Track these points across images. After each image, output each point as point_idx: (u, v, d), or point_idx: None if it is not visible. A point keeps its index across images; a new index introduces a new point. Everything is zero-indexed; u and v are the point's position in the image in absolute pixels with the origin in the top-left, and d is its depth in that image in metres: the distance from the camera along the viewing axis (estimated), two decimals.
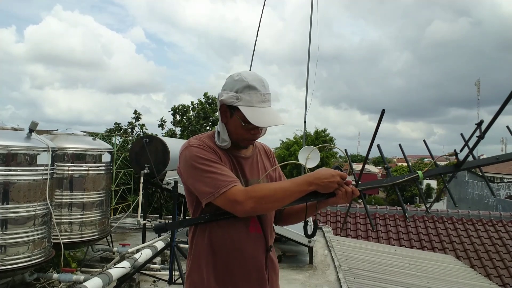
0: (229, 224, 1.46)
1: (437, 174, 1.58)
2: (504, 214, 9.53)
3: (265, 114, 1.42)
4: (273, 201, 1.37)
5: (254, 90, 1.42)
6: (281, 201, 1.39)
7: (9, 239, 3.35)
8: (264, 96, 1.44)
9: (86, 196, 4.58)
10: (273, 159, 1.73)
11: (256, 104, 1.42)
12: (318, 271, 4.96)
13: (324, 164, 26.83)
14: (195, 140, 1.49)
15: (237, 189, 1.36)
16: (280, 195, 1.37)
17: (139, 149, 5.42)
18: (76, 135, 4.76)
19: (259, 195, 1.35)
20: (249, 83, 1.42)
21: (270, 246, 1.55)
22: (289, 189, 1.38)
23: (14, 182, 3.35)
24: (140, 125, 13.15)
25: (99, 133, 9.08)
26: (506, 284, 7.18)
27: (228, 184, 1.36)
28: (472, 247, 8.21)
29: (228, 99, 1.43)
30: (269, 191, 1.37)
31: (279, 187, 1.40)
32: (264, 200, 1.36)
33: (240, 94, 1.43)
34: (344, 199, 1.45)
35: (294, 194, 1.38)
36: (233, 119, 1.46)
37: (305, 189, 1.38)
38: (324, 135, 29.31)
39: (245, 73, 1.47)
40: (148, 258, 4.18)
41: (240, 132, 1.47)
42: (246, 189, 1.37)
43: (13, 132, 3.53)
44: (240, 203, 1.35)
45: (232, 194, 1.35)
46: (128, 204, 9.33)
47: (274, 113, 1.45)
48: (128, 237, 6.51)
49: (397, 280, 4.58)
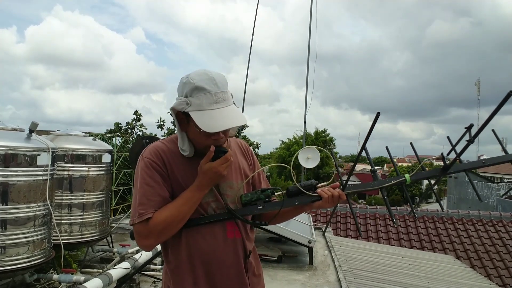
0: (206, 231, 1.41)
1: (424, 178, 1.60)
2: (504, 214, 9.53)
3: (217, 117, 1.29)
4: (173, 228, 1.35)
5: (203, 91, 1.30)
6: (183, 221, 1.36)
7: (9, 240, 3.35)
8: (217, 96, 1.30)
9: (86, 196, 4.58)
10: (250, 155, 1.62)
11: (207, 107, 1.29)
12: (318, 271, 4.95)
13: (324, 165, 26.83)
14: (148, 151, 1.42)
15: (141, 225, 1.32)
16: (178, 218, 1.34)
17: (139, 149, 5.41)
18: (76, 135, 4.76)
19: (159, 230, 1.32)
20: (195, 85, 1.30)
21: (250, 252, 1.49)
22: (184, 207, 1.34)
23: (14, 183, 3.35)
24: (139, 125, 13.14)
25: (99, 134, 9.08)
26: (507, 285, 7.17)
27: (140, 216, 1.32)
28: (472, 248, 8.20)
29: (179, 106, 1.32)
30: (168, 220, 1.32)
31: (175, 209, 1.33)
32: (165, 230, 1.33)
33: (189, 99, 1.31)
34: (331, 202, 1.43)
35: (190, 209, 1.36)
36: (190, 126, 1.35)
37: (197, 197, 1.36)
38: (324, 135, 29.36)
39: (194, 73, 1.34)
40: (148, 258, 4.18)
41: (200, 139, 1.36)
42: (148, 225, 1.32)
43: (13, 133, 3.53)
44: (140, 240, 1.35)
45: (137, 228, 1.34)
46: (128, 204, 9.32)
47: (230, 113, 1.32)
48: (128, 238, 6.50)
49: (397, 281, 4.58)
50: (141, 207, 1.33)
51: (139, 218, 1.32)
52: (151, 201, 1.34)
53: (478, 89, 44.78)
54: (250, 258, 1.51)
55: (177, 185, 1.40)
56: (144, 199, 1.34)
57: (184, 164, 1.41)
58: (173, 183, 1.40)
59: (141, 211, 1.33)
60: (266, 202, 1.47)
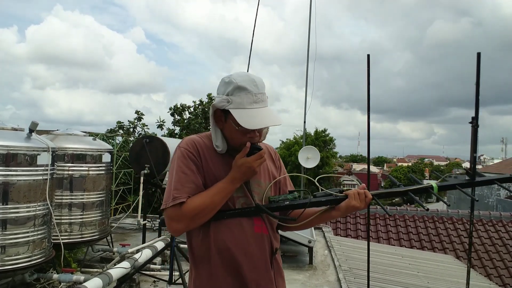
0: (234, 223, 1.45)
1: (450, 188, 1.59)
2: (504, 214, 9.53)
3: (257, 115, 1.37)
4: (205, 215, 1.39)
5: (245, 91, 1.37)
6: (214, 210, 1.41)
7: (9, 240, 3.35)
8: (256, 97, 1.38)
9: (86, 196, 4.58)
10: (277, 160, 1.70)
11: (247, 106, 1.37)
12: (318, 271, 4.95)
13: (324, 164, 26.82)
14: (185, 142, 1.49)
15: (174, 209, 1.37)
16: (210, 207, 1.39)
17: (139, 149, 5.43)
18: (76, 135, 4.76)
19: (191, 215, 1.37)
20: (238, 84, 1.37)
21: (276, 249, 1.53)
22: (217, 197, 1.40)
23: (14, 183, 3.35)
24: (142, 124, 13.16)
25: (99, 133, 9.08)
26: (506, 284, 7.18)
27: (174, 200, 1.37)
28: (472, 247, 8.21)
29: (219, 103, 1.39)
30: (201, 207, 1.37)
31: (209, 200, 1.39)
32: (197, 217, 1.38)
33: (230, 97, 1.38)
34: (357, 199, 1.45)
35: (224, 198, 1.42)
36: (227, 123, 1.42)
37: (230, 189, 1.42)
38: (324, 135, 29.33)
39: (236, 74, 1.42)
40: (148, 258, 4.17)
41: (236, 136, 1.42)
42: (181, 209, 1.37)
43: (13, 132, 3.53)
44: (171, 224, 1.40)
45: (169, 212, 1.39)
46: (128, 204, 9.32)
47: (268, 113, 1.40)
48: (128, 237, 6.51)
49: (397, 280, 4.58)
50: (176, 192, 1.39)
51: (173, 201, 1.38)
52: (185, 187, 1.40)
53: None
54: (276, 256, 1.55)
55: (210, 177, 1.45)
56: (178, 185, 1.40)
57: (217, 159, 1.48)
58: (206, 174, 1.45)
59: (176, 195, 1.38)
60: (293, 200, 1.51)
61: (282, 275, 1.59)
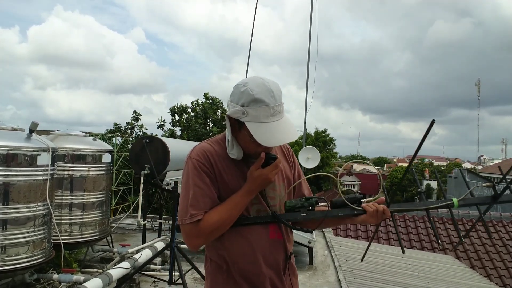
0: (249, 230, 1.44)
1: (472, 204, 1.52)
2: (504, 214, 9.53)
3: (273, 130, 1.31)
4: (223, 228, 1.40)
5: (262, 103, 1.30)
6: (231, 223, 1.40)
7: (9, 240, 3.35)
8: (274, 109, 1.31)
9: (86, 196, 4.58)
10: (291, 157, 1.64)
11: (263, 120, 1.30)
12: (318, 271, 4.95)
13: (324, 165, 26.81)
14: (196, 152, 1.44)
15: (192, 226, 1.37)
16: (228, 221, 1.39)
17: (139, 150, 5.42)
18: (76, 135, 4.76)
19: (209, 231, 1.37)
20: (255, 97, 1.29)
21: (291, 253, 1.53)
22: (234, 210, 1.39)
23: (14, 183, 3.35)
24: (139, 125, 13.14)
25: (99, 134, 9.08)
26: (507, 285, 7.17)
27: (191, 217, 1.37)
28: (472, 248, 8.21)
29: (234, 114, 1.34)
30: (218, 222, 1.37)
31: (226, 215, 1.38)
32: (215, 232, 1.39)
33: (246, 109, 1.31)
34: (375, 217, 1.42)
35: (241, 211, 1.41)
36: (241, 133, 1.38)
37: (247, 201, 1.41)
38: (324, 135, 29.33)
39: (252, 83, 1.33)
40: (148, 258, 4.18)
41: (251, 146, 1.39)
42: (199, 227, 1.37)
43: (13, 133, 3.53)
44: (191, 240, 1.40)
45: (187, 229, 1.39)
46: (128, 204, 9.32)
47: (284, 127, 1.34)
48: (128, 238, 6.51)
49: (397, 281, 4.58)
50: (192, 208, 1.38)
51: (190, 219, 1.37)
52: (201, 202, 1.39)
53: (478, 89, 44.78)
54: (291, 260, 1.55)
55: (224, 187, 1.43)
56: (194, 201, 1.39)
57: (231, 166, 1.45)
58: (220, 185, 1.43)
59: (193, 212, 1.37)
60: (310, 210, 1.46)
61: (296, 276, 1.60)
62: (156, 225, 6.87)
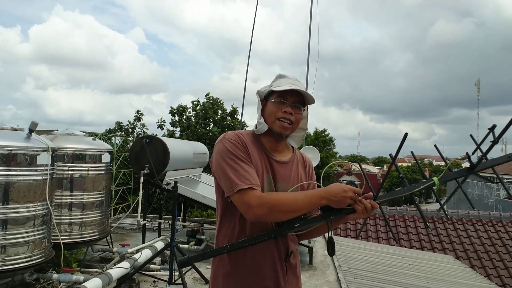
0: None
1: (451, 179, 1.59)
2: (504, 214, 9.52)
3: (289, 85, 1.53)
4: (284, 211, 1.39)
5: (284, 77, 1.61)
6: (292, 212, 1.40)
7: (9, 239, 3.35)
8: (294, 81, 1.58)
9: (86, 196, 4.58)
10: (309, 169, 1.70)
11: (284, 84, 1.55)
12: (318, 271, 4.96)
13: (324, 164, 26.84)
14: (231, 134, 1.53)
15: (253, 193, 1.38)
16: (292, 206, 1.39)
17: (139, 149, 5.42)
18: (76, 135, 4.76)
19: (272, 204, 1.37)
20: (280, 74, 1.64)
21: (291, 252, 1.56)
22: (301, 201, 1.39)
23: (14, 183, 3.35)
24: (141, 124, 13.15)
25: (99, 133, 9.07)
26: (506, 285, 7.17)
27: (246, 186, 1.38)
28: (472, 248, 8.20)
29: (263, 89, 1.63)
30: (282, 201, 1.38)
31: (292, 198, 1.40)
32: (276, 209, 1.38)
33: (272, 83, 1.63)
34: (365, 214, 1.45)
35: (306, 207, 1.40)
36: (268, 104, 1.59)
37: (316, 202, 1.40)
38: (323, 135, 29.33)
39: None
40: (148, 258, 4.18)
41: (273, 111, 1.54)
42: (261, 195, 1.39)
43: (13, 132, 3.53)
44: (252, 208, 1.37)
45: (247, 196, 1.38)
46: (128, 204, 9.33)
47: (301, 87, 1.55)
48: (128, 238, 6.51)
49: (397, 281, 4.58)
50: (244, 178, 1.41)
51: (250, 186, 1.39)
52: (252, 173, 1.45)
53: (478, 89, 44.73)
54: (291, 259, 1.57)
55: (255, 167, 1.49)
56: (243, 171, 1.43)
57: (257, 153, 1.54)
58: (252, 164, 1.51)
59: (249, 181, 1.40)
60: (303, 219, 1.48)
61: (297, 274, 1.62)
62: (156, 225, 6.87)
